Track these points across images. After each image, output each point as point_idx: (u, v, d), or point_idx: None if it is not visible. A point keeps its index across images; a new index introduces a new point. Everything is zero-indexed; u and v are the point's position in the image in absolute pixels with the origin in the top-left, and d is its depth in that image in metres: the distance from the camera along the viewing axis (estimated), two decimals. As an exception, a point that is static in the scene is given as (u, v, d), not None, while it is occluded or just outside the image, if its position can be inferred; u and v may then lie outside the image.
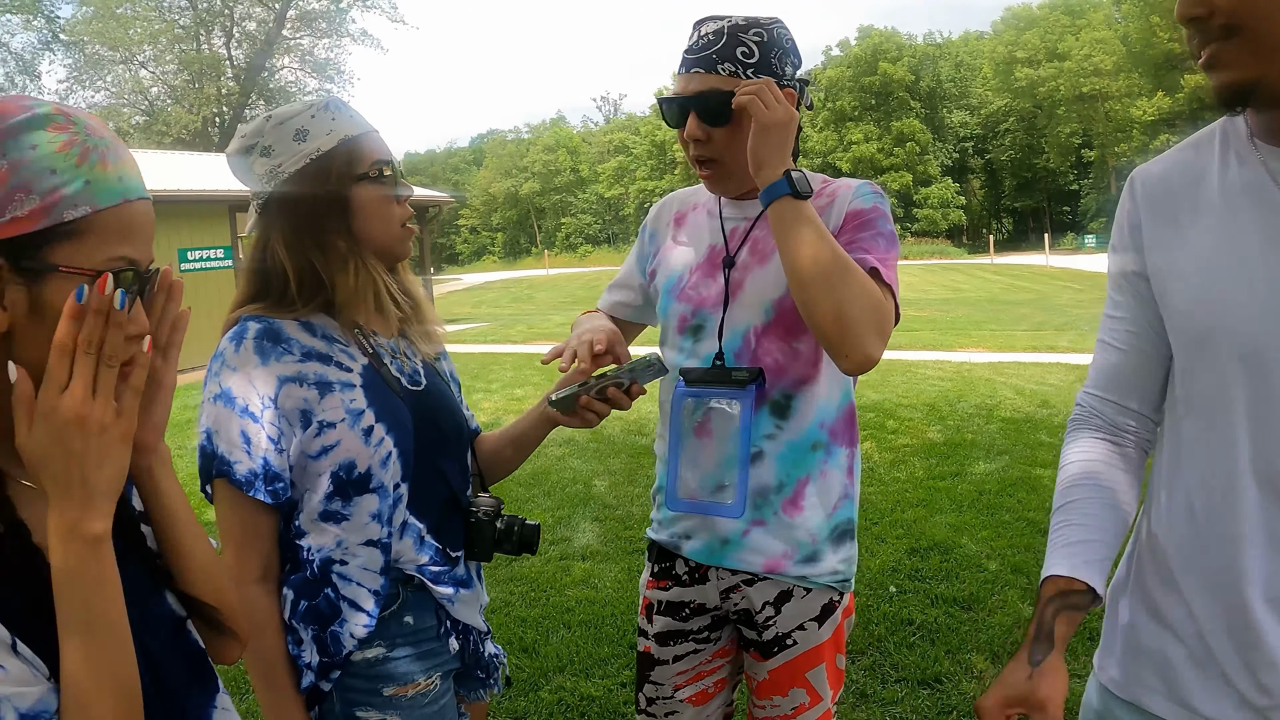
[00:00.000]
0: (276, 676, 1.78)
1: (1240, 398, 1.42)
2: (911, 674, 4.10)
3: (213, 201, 18.15)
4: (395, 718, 1.82)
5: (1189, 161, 1.55)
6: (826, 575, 2.12)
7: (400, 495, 1.83)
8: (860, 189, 2.10)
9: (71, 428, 1.07)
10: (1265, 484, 1.40)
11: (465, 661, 1.97)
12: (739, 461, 2.04)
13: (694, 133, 2.03)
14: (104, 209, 1.12)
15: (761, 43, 2.02)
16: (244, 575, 1.77)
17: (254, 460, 1.73)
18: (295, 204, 1.81)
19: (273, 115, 1.84)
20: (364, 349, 1.86)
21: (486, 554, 1.97)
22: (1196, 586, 1.49)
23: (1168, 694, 1.52)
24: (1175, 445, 1.56)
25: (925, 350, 14.53)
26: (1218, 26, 1.33)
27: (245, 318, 1.80)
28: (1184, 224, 1.52)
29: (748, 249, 2.12)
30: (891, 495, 6.71)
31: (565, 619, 4.88)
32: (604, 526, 6.27)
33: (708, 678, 2.27)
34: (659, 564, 2.27)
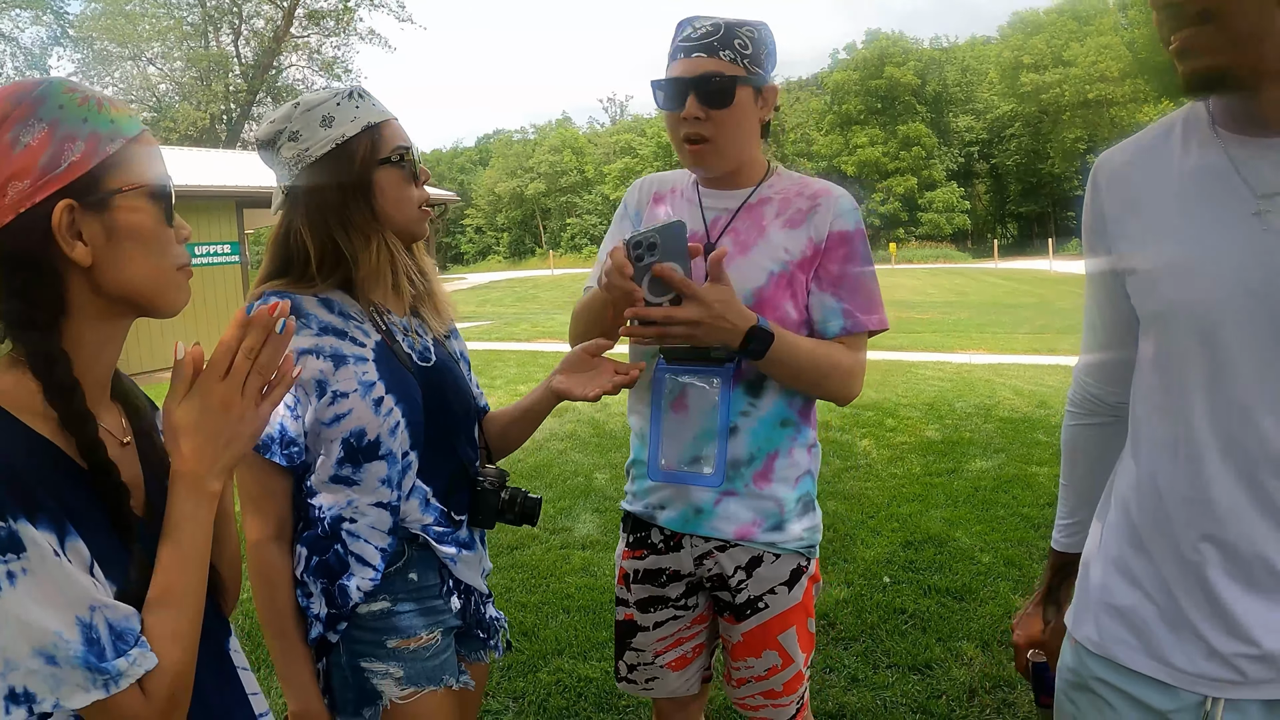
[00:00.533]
0: (287, 627, 1.91)
1: (1198, 370, 1.51)
2: (903, 660, 4.19)
3: (220, 197, 18.21)
4: (398, 668, 1.93)
5: (1150, 148, 1.63)
6: (793, 541, 2.25)
7: (410, 463, 1.95)
8: (843, 205, 2.24)
9: (218, 410, 1.32)
10: (1225, 451, 1.49)
11: (466, 620, 2.08)
12: (718, 435, 2.17)
13: (693, 112, 2.12)
14: (131, 138, 1.31)
15: (754, 39, 2.16)
16: (260, 532, 1.91)
17: (271, 425, 1.86)
18: (322, 186, 1.94)
19: (300, 102, 1.96)
20: (378, 326, 1.98)
21: (489, 521, 2.09)
22: (1163, 547, 1.57)
23: (1143, 649, 1.60)
24: (1141, 414, 1.65)
25: (926, 352, 14.59)
26: (1193, 12, 1.38)
27: (268, 293, 1.92)
28: (1146, 208, 1.60)
29: (730, 239, 2.23)
30: (888, 490, 6.79)
31: (565, 604, 4.98)
32: (604, 517, 6.36)
33: (687, 643, 2.38)
34: (634, 534, 2.38)
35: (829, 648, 4.34)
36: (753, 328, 1.99)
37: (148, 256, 1.32)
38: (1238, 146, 1.49)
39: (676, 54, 2.17)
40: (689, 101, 2.13)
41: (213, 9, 49.54)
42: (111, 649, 1.18)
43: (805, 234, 2.20)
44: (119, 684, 1.18)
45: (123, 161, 1.30)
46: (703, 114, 2.13)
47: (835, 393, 2.21)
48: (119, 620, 1.21)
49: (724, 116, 2.14)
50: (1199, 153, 1.54)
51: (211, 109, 49.45)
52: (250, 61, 50.31)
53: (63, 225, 1.25)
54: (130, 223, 1.30)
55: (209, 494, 1.32)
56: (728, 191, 2.29)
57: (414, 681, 1.94)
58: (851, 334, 2.20)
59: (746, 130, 2.20)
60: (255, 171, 22.37)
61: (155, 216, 1.32)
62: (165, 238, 1.35)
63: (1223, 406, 1.49)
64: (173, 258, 1.36)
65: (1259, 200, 1.45)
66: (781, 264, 2.18)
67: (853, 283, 2.20)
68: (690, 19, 2.18)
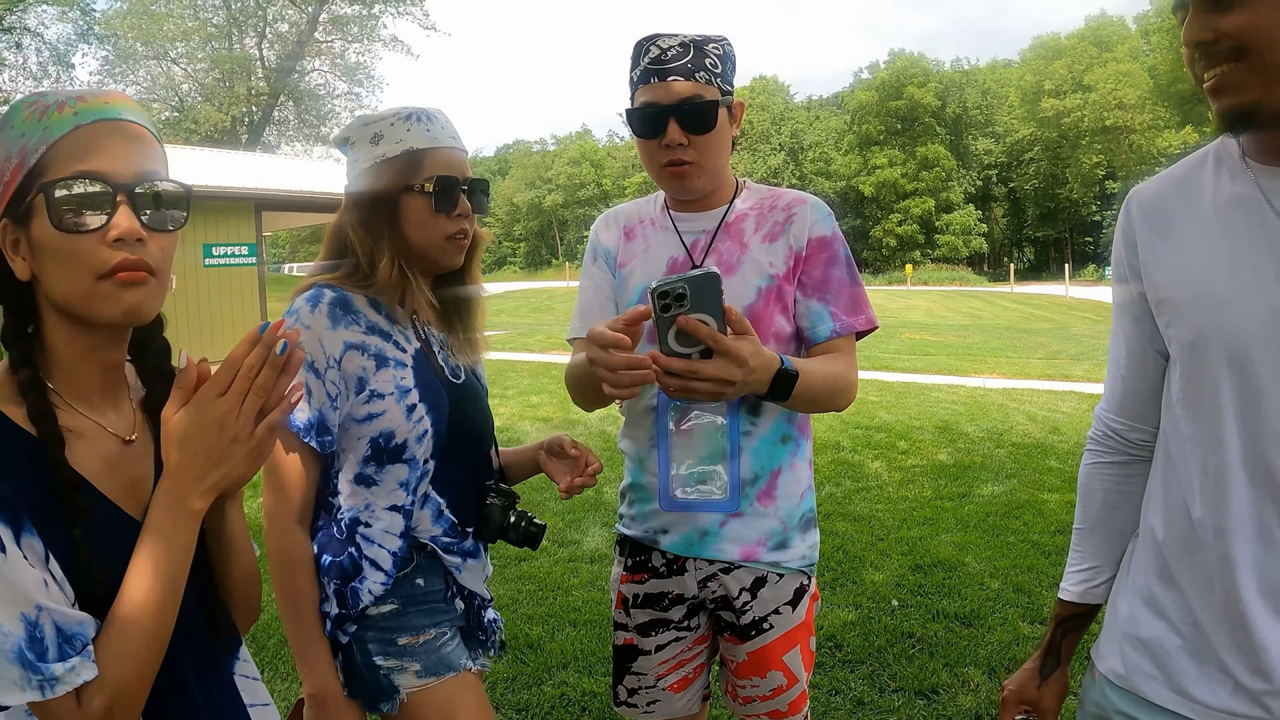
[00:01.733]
0: (305, 609, 1.94)
1: (1230, 397, 1.50)
2: (909, 684, 4.16)
3: (239, 199, 18.28)
4: (413, 661, 1.99)
5: (1183, 179, 1.64)
6: (796, 560, 2.24)
7: (428, 470, 2.02)
8: (818, 211, 2.23)
9: (213, 425, 1.28)
10: (1255, 479, 1.49)
11: (469, 622, 2.14)
12: (728, 458, 2.16)
13: (676, 138, 2.10)
14: (57, 139, 1.27)
15: (721, 56, 2.15)
16: (285, 514, 1.95)
17: (311, 411, 1.92)
18: (361, 197, 2.04)
19: (362, 116, 2.07)
20: (418, 335, 2.07)
21: (491, 537, 2.14)
22: (1191, 579, 1.57)
23: (1166, 682, 1.59)
24: (1171, 444, 1.64)
25: (940, 374, 14.57)
26: (1225, 50, 1.40)
27: (320, 285, 2.00)
28: (1178, 237, 1.60)
29: (714, 259, 2.21)
30: (899, 513, 6.76)
31: (571, 618, 4.97)
32: (612, 532, 6.34)
33: (689, 665, 2.37)
34: (633, 558, 2.35)
35: (835, 670, 4.32)
36: (779, 371, 1.92)
37: (58, 267, 1.26)
38: (1268, 177, 1.50)
39: (648, 77, 2.12)
40: (670, 128, 2.10)
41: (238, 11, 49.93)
42: (55, 651, 1.16)
43: (785, 245, 2.19)
44: (53, 689, 1.16)
45: (45, 168, 1.26)
46: (685, 140, 2.11)
47: (842, 404, 2.19)
48: (69, 625, 1.19)
49: (706, 141, 2.12)
50: (1230, 184, 1.55)
51: (233, 111, 49.76)
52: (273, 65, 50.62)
53: (6, 242, 1.28)
54: (37, 233, 1.26)
55: (188, 512, 1.28)
56: (701, 213, 2.27)
57: (433, 671, 1.99)
58: (840, 336, 2.19)
59: (725, 150, 2.20)
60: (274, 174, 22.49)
61: (51, 221, 1.24)
62: (68, 245, 1.25)
63: (1254, 434, 1.48)
64: (85, 265, 1.25)
65: None
66: (768, 278, 2.17)
67: (836, 286, 2.19)
68: (651, 38, 2.14)
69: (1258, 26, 1.38)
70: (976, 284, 58.00)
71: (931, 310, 31.37)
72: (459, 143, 2.09)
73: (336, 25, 50.26)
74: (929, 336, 21.34)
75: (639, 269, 2.28)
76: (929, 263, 65.17)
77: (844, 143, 72.08)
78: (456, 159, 2.06)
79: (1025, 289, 47.47)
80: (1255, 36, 1.38)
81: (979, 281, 60.46)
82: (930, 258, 66.38)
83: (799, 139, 74.34)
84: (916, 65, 70.08)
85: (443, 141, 2.04)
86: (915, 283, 55.45)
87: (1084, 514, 1.86)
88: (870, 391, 12.36)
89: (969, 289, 51.17)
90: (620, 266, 2.33)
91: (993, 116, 72.79)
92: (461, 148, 2.10)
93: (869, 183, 67.64)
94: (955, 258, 66.99)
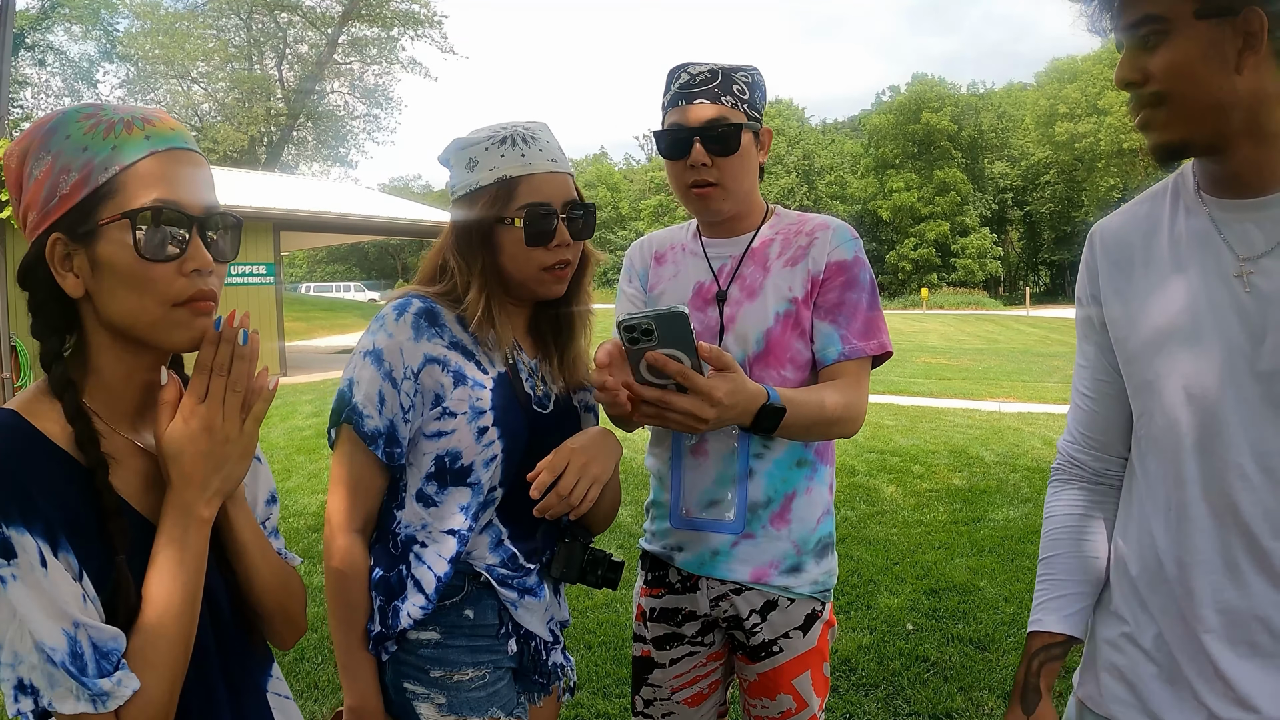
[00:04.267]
0: (356, 621, 1.91)
1: (1189, 434, 1.52)
2: (923, 708, 4.16)
3: (257, 219, 18.38)
4: (440, 696, 1.92)
5: (1144, 214, 1.67)
6: (808, 586, 2.26)
7: (494, 498, 1.96)
8: (840, 235, 2.24)
9: (201, 433, 1.31)
10: (1218, 513, 1.50)
11: (523, 664, 2.04)
12: (737, 481, 2.19)
13: (700, 159, 2.14)
14: (130, 164, 1.28)
15: (750, 84, 2.20)
16: (346, 522, 1.92)
17: (382, 420, 1.89)
18: (456, 225, 1.99)
19: (460, 139, 2.00)
20: (506, 359, 2.00)
21: (571, 577, 2.05)
22: (1162, 608, 1.58)
23: (1141, 709, 1.60)
24: (1137, 478, 1.66)
25: (955, 399, 14.54)
26: (1148, 94, 1.46)
27: (412, 294, 1.97)
28: (1137, 273, 1.63)
29: (738, 285, 2.25)
30: (913, 537, 6.76)
31: (586, 639, 4.99)
32: (628, 555, 6.35)
33: (703, 681, 2.39)
34: (652, 572, 2.39)
35: (850, 693, 4.32)
36: (764, 407, 1.94)
37: (129, 292, 1.28)
38: (1220, 210, 1.53)
39: (677, 100, 2.18)
40: (695, 149, 2.14)
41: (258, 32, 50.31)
42: (95, 667, 1.19)
43: (804, 269, 2.21)
44: (105, 704, 1.19)
45: (116, 190, 1.27)
46: (709, 161, 2.15)
47: (843, 433, 2.19)
48: (105, 641, 1.21)
49: (730, 163, 2.17)
50: (1185, 218, 1.58)
51: (252, 131, 50.08)
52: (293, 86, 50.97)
53: (55, 257, 1.29)
54: (108, 255, 1.27)
55: (197, 520, 1.31)
56: (729, 239, 2.31)
57: (455, 710, 1.92)
58: (849, 359, 2.18)
59: (751, 175, 2.24)
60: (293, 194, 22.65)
61: (135, 248, 1.26)
62: (147, 272, 1.27)
63: (1215, 470, 1.50)
64: (163, 293, 1.29)
65: (1241, 263, 1.48)
66: (787, 302, 2.20)
67: (850, 309, 2.19)
68: (683, 65, 2.21)
69: (1181, 65, 1.42)
70: (992, 308, 57.83)
71: (947, 334, 31.30)
72: (560, 164, 1.99)
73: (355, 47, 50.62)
74: (944, 360, 21.30)
75: (668, 292, 2.33)
76: (945, 286, 64.91)
77: (860, 166, 72.06)
78: (555, 184, 1.97)
79: (1041, 312, 47.32)
80: (1176, 77, 1.43)
81: (995, 305, 60.24)
82: (946, 281, 66.15)
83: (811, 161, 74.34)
84: (933, 90, 70.03)
85: (538, 166, 1.95)
86: (931, 306, 55.31)
87: (1050, 544, 1.85)
88: (885, 415, 12.36)
89: (985, 313, 51.04)
90: (651, 289, 2.39)
91: (1009, 140, 72.60)
92: (564, 169, 2.00)
93: (885, 206, 67.49)
94: (971, 281, 66.75)
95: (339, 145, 54.53)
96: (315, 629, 4.96)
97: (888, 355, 2.25)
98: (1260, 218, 1.48)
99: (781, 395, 1.96)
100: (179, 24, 47.97)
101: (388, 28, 48.77)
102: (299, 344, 26.62)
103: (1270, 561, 1.46)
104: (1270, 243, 1.46)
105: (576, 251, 2.01)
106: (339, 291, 62.29)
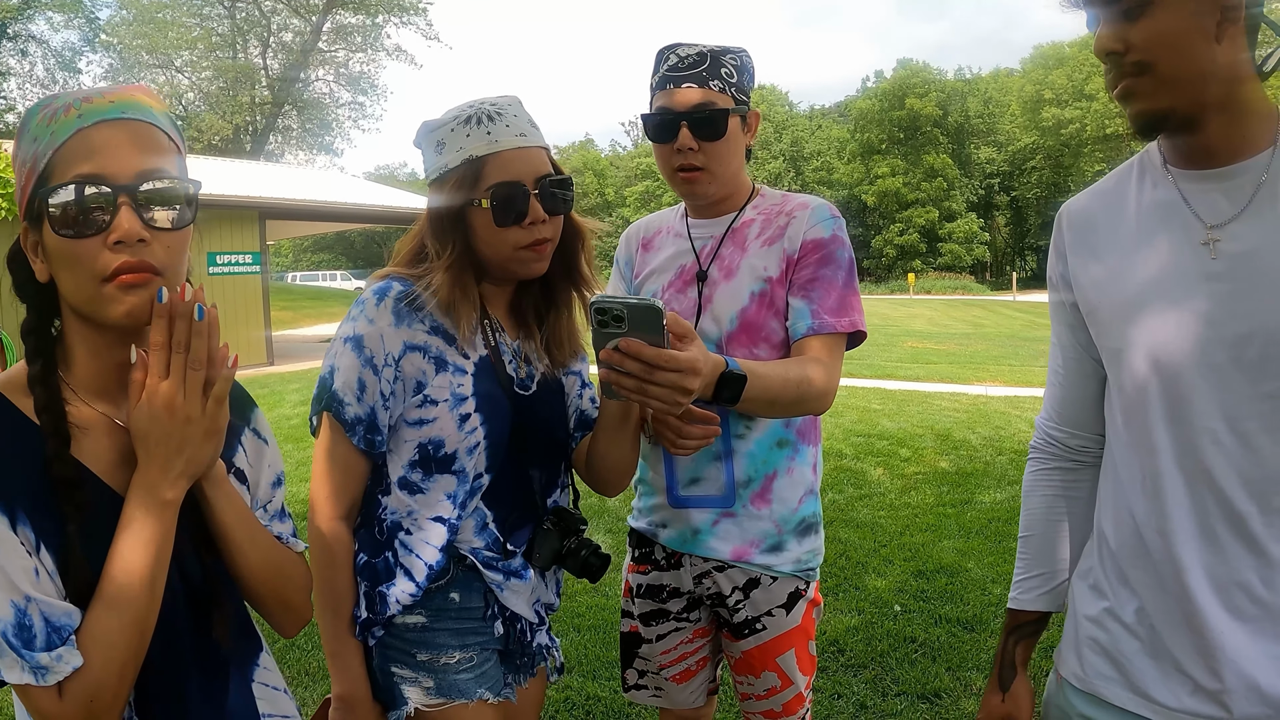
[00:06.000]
0: (342, 609, 1.89)
1: (1159, 402, 1.53)
2: (912, 689, 4.18)
3: (243, 207, 18.33)
4: (428, 678, 1.91)
5: (1109, 190, 1.69)
6: (791, 565, 2.26)
7: (480, 485, 1.93)
8: (819, 214, 2.23)
9: (163, 413, 1.29)
10: (1192, 481, 1.51)
11: (509, 646, 2.04)
12: (722, 457, 2.21)
13: (686, 143, 2.15)
14: (60, 145, 1.28)
15: (738, 66, 2.20)
16: (330, 510, 1.89)
17: (362, 407, 1.86)
18: (429, 211, 1.94)
19: (428, 121, 1.96)
20: (487, 341, 1.96)
21: (546, 563, 2.01)
22: (1144, 581, 1.59)
23: (1125, 684, 1.61)
24: (1114, 449, 1.67)
25: (942, 383, 14.56)
26: (1131, 63, 1.46)
27: (392, 277, 1.94)
28: (1105, 247, 1.65)
29: (717, 266, 2.25)
30: (901, 520, 6.79)
31: (575, 623, 5.01)
32: (616, 538, 6.37)
33: (690, 658, 2.42)
34: (639, 549, 2.42)
35: (838, 674, 4.35)
36: (723, 375, 1.87)
37: (65, 271, 1.29)
38: (1187, 181, 1.55)
39: (664, 84, 2.18)
40: (682, 133, 2.15)
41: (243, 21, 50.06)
42: (43, 640, 1.20)
43: (780, 249, 2.21)
44: (44, 678, 1.19)
45: (50, 173, 1.28)
46: (696, 145, 2.16)
47: (811, 410, 2.17)
48: (57, 616, 1.22)
49: (716, 148, 2.17)
50: (1153, 191, 1.60)
51: (237, 119, 49.88)
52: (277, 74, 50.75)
53: (27, 246, 1.32)
54: (46, 238, 1.29)
55: (161, 501, 1.29)
56: (714, 219, 2.32)
57: (443, 693, 1.90)
58: (818, 334, 2.15)
59: (737, 158, 2.24)
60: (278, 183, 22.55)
61: (51, 226, 1.26)
62: (72, 249, 1.26)
63: (1186, 436, 1.51)
64: (89, 269, 1.27)
65: (1208, 230, 1.50)
66: (761, 282, 2.20)
67: (824, 286, 2.17)
68: (671, 47, 2.20)
69: (1164, 34, 1.43)
70: (979, 292, 57.93)
71: (934, 319, 31.37)
72: (530, 138, 1.91)
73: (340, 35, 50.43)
74: (931, 345, 21.35)
75: (655, 274, 2.35)
76: (931, 271, 65.02)
77: (846, 152, 71.99)
78: (525, 159, 1.89)
79: (1028, 297, 47.39)
80: (1161, 45, 1.44)
81: (981, 290, 60.33)
82: (933, 266, 66.21)
83: (799, 147, 74.27)
84: (919, 75, 69.97)
85: (505, 143, 1.88)
86: (918, 291, 55.42)
87: (1029, 522, 1.87)
88: (872, 400, 12.39)
89: (971, 297, 51.16)
90: (636, 277, 2.41)
91: (995, 125, 72.65)
92: (535, 143, 1.92)
93: (871, 192, 67.45)
94: (958, 266, 66.83)
95: (324, 133, 54.34)
96: (305, 615, 4.95)
97: (862, 336, 2.23)
98: (1227, 186, 1.50)
99: (742, 365, 1.92)
100: (162, 12, 47.67)
101: (372, 15, 48.60)
102: (285, 333, 26.54)
103: (1246, 525, 1.47)
104: (1236, 208, 1.48)
105: (555, 227, 1.93)
106: (325, 280, 62.18)
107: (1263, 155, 1.49)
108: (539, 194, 1.88)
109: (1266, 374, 1.44)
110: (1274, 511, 1.47)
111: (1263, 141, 1.49)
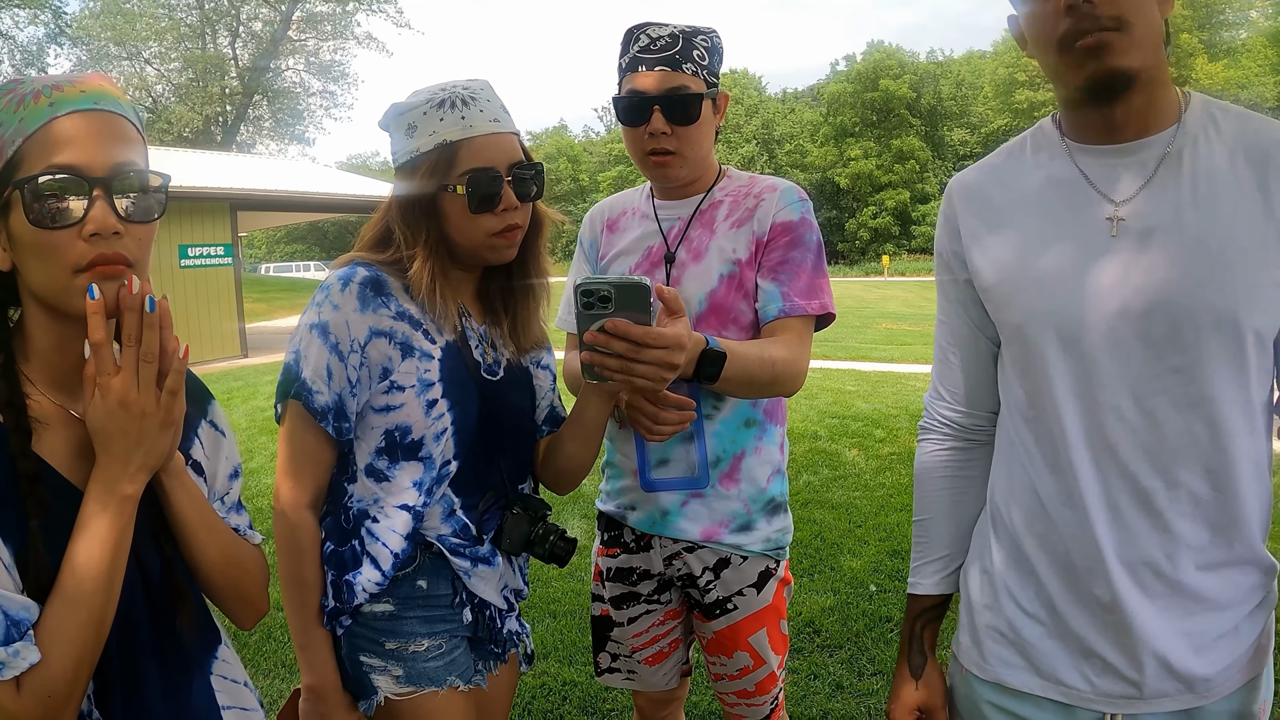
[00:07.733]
0: (309, 599, 1.87)
1: (1063, 377, 1.52)
2: (887, 668, 4.19)
3: (214, 199, 18.20)
4: (396, 667, 1.89)
5: (1001, 165, 1.67)
6: (760, 544, 2.26)
7: (448, 472, 1.91)
8: (787, 196, 2.23)
9: (118, 408, 1.28)
10: (1098, 455, 1.50)
11: (478, 633, 2.02)
12: (696, 437, 2.20)
13: (659, 127, 2.13)
14: (32, 133, 1.26)
15: (709, 48, 2.18)
16: (296, 498, 1.87)
17: (330, 394, 1.83)
18: (399, 195, 1.91)
19: (398, 104, 1.92)
20: (455, 327, 1.93)
21: (515, 549, 2.00)
22: (1046, 561, 1.57)
23: (1032, 670, 1.59)
24: (1011, 427, 1.65)
25: (916, 364, 14.61)
26: (1111, 17, 1.39)
27: (356, 262, 1.91)
28: (1000, 221, 1.63)
29: (684, 248, 2.24)
30: (876, 500, 6.81)
31: (551, 609, 5.01)
32: (590, 523, 6.33)
33: (662, 640, 2.42)
34: (608, 532, 2.42)
35: (814, 654, 4.36)
36: (704, 351, 1.91)
37: (36, 261, 1.27)
38: (1088, 156, 1.54)
39: (635, 65, 2.16)
40: (654, 117, 2.13)
41: (211, 11, 49.63)
42: (1, 635, 1.18)
43: (749, 231, 2.20)
44: (1, 673, 1.18)
45: (20, 161, 1.26)
46: (669, 130, 2.14)
47: (784, 391, 2.18)
48: (15, 610, 1.21)
49: (689, 132, 2.16)
50: (1050, 165, 1.58)
51: (207, 110, 49.53)
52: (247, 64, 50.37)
53: None
54: (15, 227, 1.27)
55: (120, 497, 1.28)
56: (681, 200, 2.30)
57: (413, 681, 1.89)
58: (789, 316, 2.15)
59: (708, 141, 2.23)
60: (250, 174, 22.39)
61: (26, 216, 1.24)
62: (45, 240, 1.25)
63: (1091, 410, 1.50)
64: (63, 260, 1.26)
65: (1110, 205, 1.49)
66: (730, 264, 2.19)
67: (794, 268, 2.17)
68: (641, 26, 2.18)
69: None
70: (953, 274, 58.05)
71: (908, 300, 31.48)
72: (503, 123, 1.90)
73: (310, 23, 50.09)
74: (906, 326, 21.44)
75: (621, 256, 2.33)
76: (905, 254, 65.23)
77: (819, 135, 72.03)
78: (498, 145, 1.87)
79: (1001, 279, 47.53)
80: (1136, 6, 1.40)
81: (955, 272, 60.49)
82: (906, 249, 66.44)
83: (770, 130, 74.27)
84: (892, 58, 70.05)
85: (480, 129, 1.86)
86: (892, 273, 55.58)
87: (926, 504, 1.86)
88: (847, 381, 12.42)
89: (946, 279, 51.25)
90: (601, 259, 2.38)
91: (968, 107, 72.71)
92: (507, 128, 1.90)
93: (844, 175, 67.53)
94: (931, 248, 66.65)
95: (295, 123, 53.97)
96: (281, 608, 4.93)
97: (830, 318, 2.23)
98: (1130, 162, 1.49)
99: (721, 343, 1.95)
100: (130, 4, 47.22)
101: (342, 3, 48.26)
102: (259, 325, 26.38)
103: (1151, 500, 1.47)
104: (1139, 184, 1.48)
105: (525, 214, 1.93)
106: (299, 271, 61.77)
107: (1166, 132, 1.49)
108: (512, 181, 1.88)
109: (1171, 348, 1.44)
110: (1178, 486, 1.47)
111: (1169, 118, 1.49)
